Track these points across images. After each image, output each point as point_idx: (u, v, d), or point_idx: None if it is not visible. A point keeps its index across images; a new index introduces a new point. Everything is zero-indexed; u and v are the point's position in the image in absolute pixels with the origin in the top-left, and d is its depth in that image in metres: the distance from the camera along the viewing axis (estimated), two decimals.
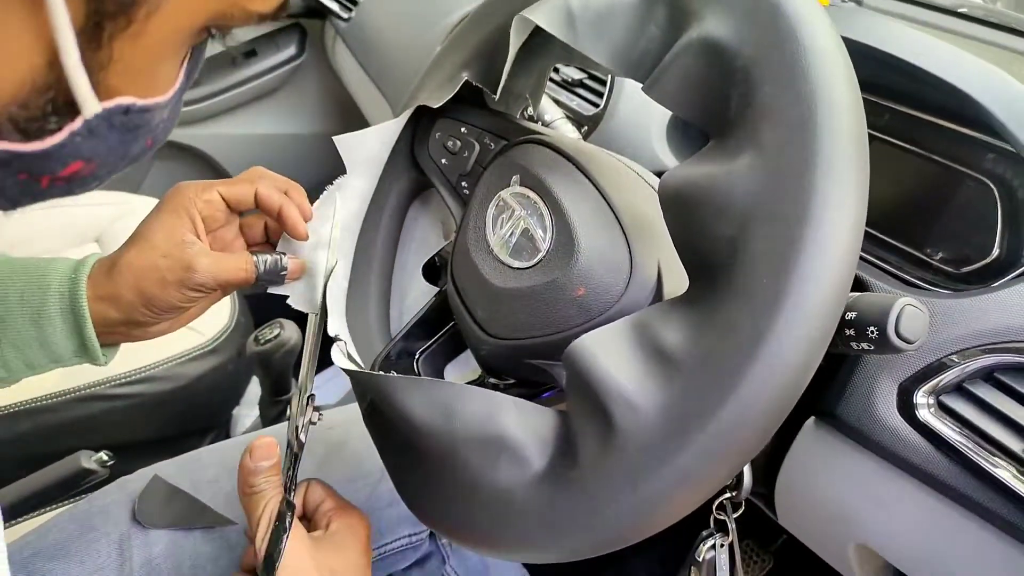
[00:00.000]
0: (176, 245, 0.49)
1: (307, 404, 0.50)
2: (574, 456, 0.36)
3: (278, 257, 0.52)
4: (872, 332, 0.37)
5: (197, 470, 0.62)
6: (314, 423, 0.50)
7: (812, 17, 0.34)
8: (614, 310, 0.41)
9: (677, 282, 0.42)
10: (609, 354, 0.36)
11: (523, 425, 0.39)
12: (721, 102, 0.36)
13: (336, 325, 0.51)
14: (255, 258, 0.51)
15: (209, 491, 0.60)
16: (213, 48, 1.45)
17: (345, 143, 0.55)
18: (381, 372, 0.49)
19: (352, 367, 0.48)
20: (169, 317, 0.51)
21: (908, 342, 0.37)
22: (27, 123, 0.28)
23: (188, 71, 0.35)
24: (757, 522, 0.71)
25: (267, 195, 0.52)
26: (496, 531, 0.39)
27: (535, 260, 0.43)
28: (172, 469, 0.62)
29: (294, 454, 0.49)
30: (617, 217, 0.43)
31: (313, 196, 0.56)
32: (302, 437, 0.49)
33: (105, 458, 0.73)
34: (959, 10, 0.92)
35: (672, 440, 0.33)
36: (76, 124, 0.29)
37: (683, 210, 0.37)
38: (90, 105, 0.29)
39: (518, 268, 0.44)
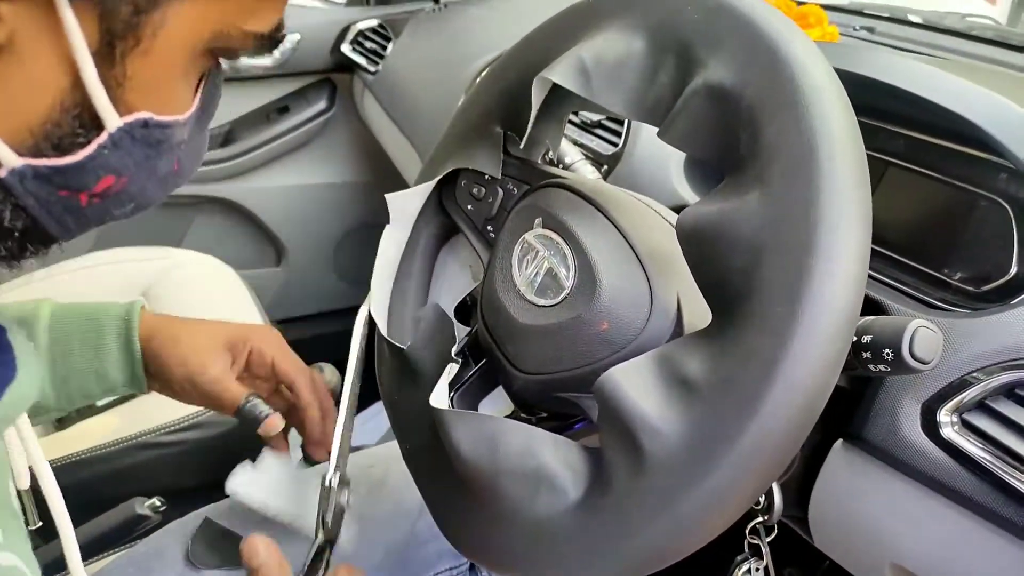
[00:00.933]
0: (209, 359, 0.62)
1: (337, 488, 0.49)
2: (608, 483, 0.38)
3: (266, 410, 0.61)
4: (888, 354, 0.39)
5: (245, 512, 0.64)
6: (344, 508, 0.50)
7: (807, 58, 0.37)
8: (637, 342, 0.43)
9: (697, 313, 0.43)
10: (635, 385, 0.38)
11: (560, 458, 0.41)
12: (731, 142, 0.38)
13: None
14: (248, 395, 0.61)
15: (257, 532, 0.63)
16: (248, 106, 1.52)
17: (393, 200, 0.58)
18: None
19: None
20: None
21: (923, 362, 0.38)
22: (60, 140, 0.32)
23: (204, 99, 0.38)
24: (799, 549, 0.71)
25: (305, 401, 0.64)
26: (534, 558, 0.41)
27: (560, 298, 0.46)
28: (222, 511, 0.64)
29: (320, 547, 0.48)
30: (636, 253, 0.45)
31: (344, 242, 0.60)
32: (329, 524, 0.48)
33: (158, 504, 0.76)
34: (971, 32, 0.94)
35: (699, 464, 0.35)
36: (102, 137, 0.33)
37: (700, 245, 0.39)
38: (111, 119, 0.32)
39: (544, 306, 0.46)
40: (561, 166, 0.68)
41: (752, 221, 0.36)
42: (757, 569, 0.51)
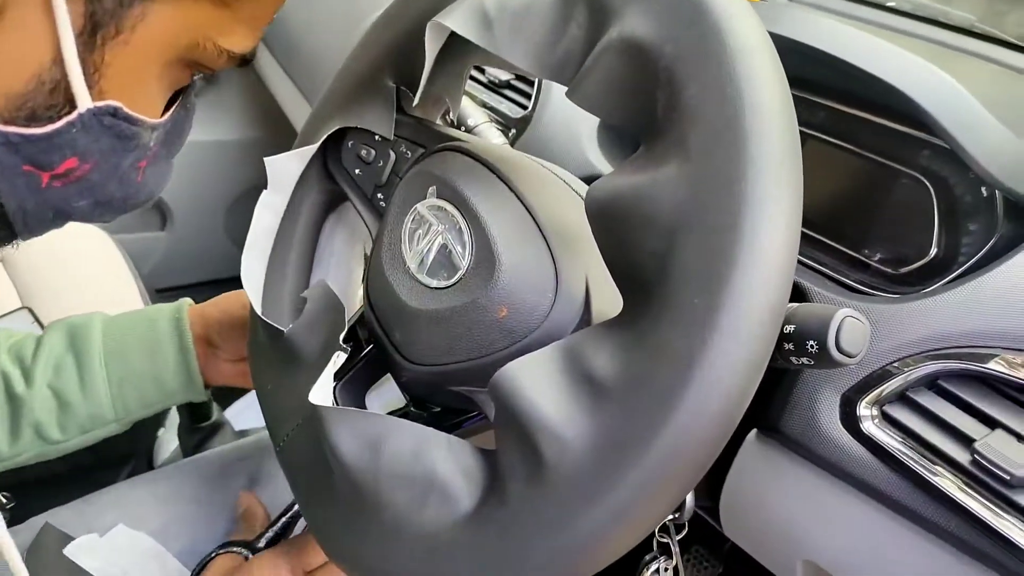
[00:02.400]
0: None
1: None
2: (503, 493, 0.33)
3: None
4: (812, 347, 0.35)
5: (96, 515, 0.57)
6: None
7: (736, 12, 0.32)
8: (540, 331, 0.38)
9: (607, 299, 0.39)
10: (535, 382, 0.33)
11: (453, 463, 0.36)
12: (647, 105, 0.34)
13: None
14: None
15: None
16: None
17: (271, 163, 0.52)
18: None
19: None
20: (236, 350, 0.61)
21: (849, 356, 0.35)
22: (33, 111, 0.33)
23: (176, 118, 0.40)
24: (706, 527, 0.69)
25: None
26: (419, 574, 0.36)
27: (454, 279, 0.40)
28: (67, 515, 0.57)
29: None
30: (541, 230, 0.40)
31: (236, 204, 0.54)
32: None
33: (3, 500, 0.67)
34: (887, 4, 0.92)
35: (604, 474, 0.30)
36: (72, 115, 0.34)
37: (610, 224, 0.34)
38: (84, 99, 0.33)
39: (436, 288, 0.41)
40: (464, 129, 0.62)
41: (668, 197, 0.31)
42: (666, 569, 0.48)
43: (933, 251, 0.51)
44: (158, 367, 0.59)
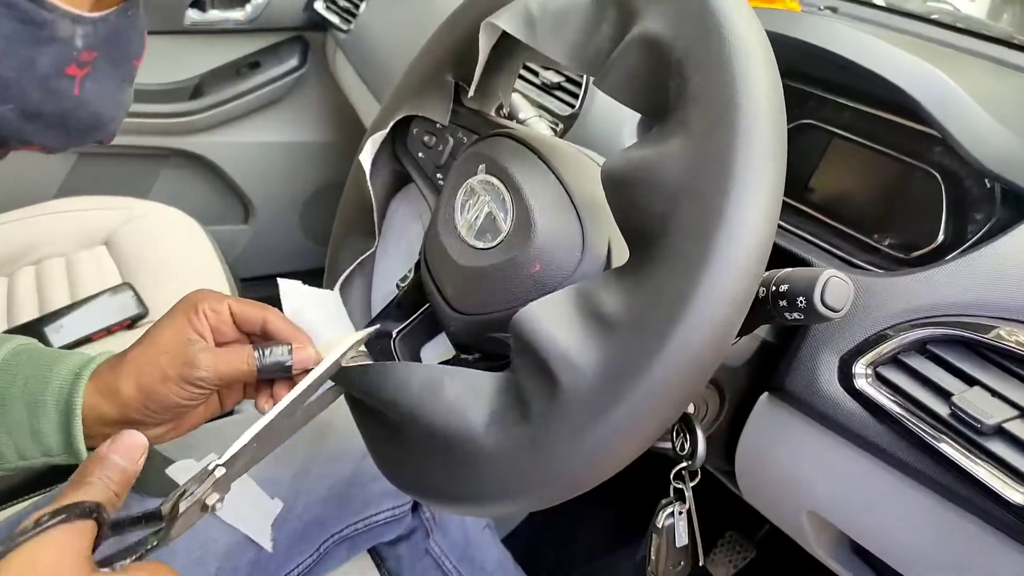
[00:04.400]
0: (180, 343, 0.49)
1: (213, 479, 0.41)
2: (524, 413, 0.40)
3: (284, 348, 0.49)
4: (801, 302, 0.41)
5: (192, 445, 0.65)
6: (210, 508, 0.42)
7: (736, 12, 0.38)
8: (567, 284, 0.45)
9: (625, 258, 0.45)
10: (552, 320, 0.40)
11: (466, 387, 0.42)
12: (661, 92, 0.40)
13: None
14: (256, 351, 0.49)
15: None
16: (218, 60, 1.50)
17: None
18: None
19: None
20: (167, 419, 0.50)
21: (833, 310, 0.40)
22: None
23: (118, 19, 0.36)
24: (740, 512, 0.74)
25: (278, 327, 0.52)
26: (455, 487, 0.42)
27: (497, 241, 0.47)
28: (168, 443, 0.65)
29: (163, 520, 0.40)
30: (572, 200, 0.47)
31: (312, 202, 0.59)
32: (181, 507, 0.40)
33: None
34: (931, 16, 0.96)
35: (609, 394, 0.37)
36: None
37: (622, 190, 0.40)
38: None
39: (482, 248, 0.48)
40: (516, 121, 0.69)
41: (672, 166, 0.37)
42: (680, 512, 0.54)
43: (940, 237, 0.56)
44: (38, 423, 0.48)
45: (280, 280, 0.53)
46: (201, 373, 0.47)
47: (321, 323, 0.52)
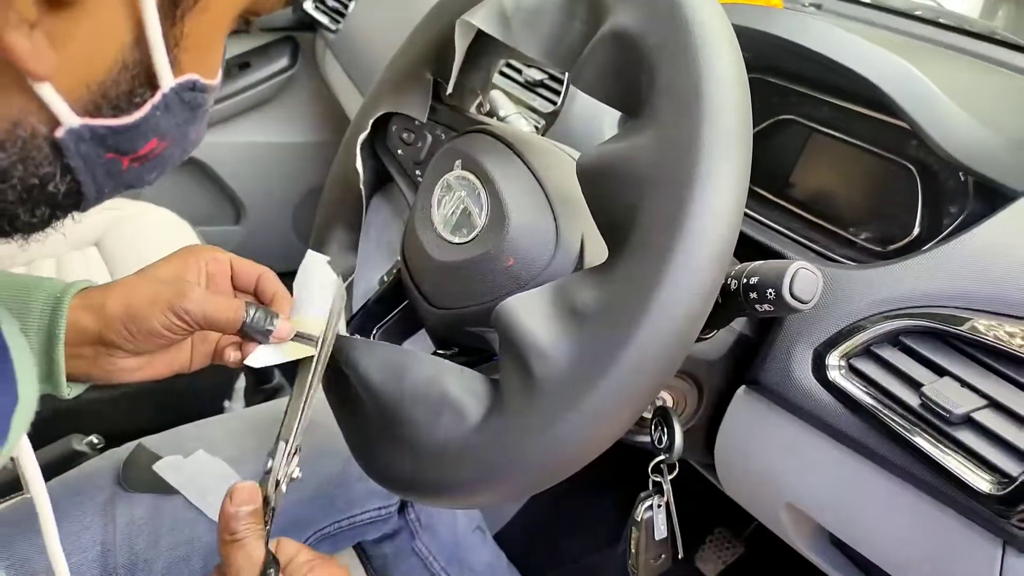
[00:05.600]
0: (176, 278, 0.51)
1: (293, 455, 0.47)
2: (502, 406, 0.40)
3: (272, 315, 0.49)
4: (770, 294, 0.41)
5: (180, 443, 0.66)
6: (294, 479, 0.48)
7: (703, 9, 0.39)
8: (541, 278, 0.45)
9: (599, 252, 0.45)
10: (529, 313, 0.40)
11: (463, 386, 0.43)
12: (633, 86, 0.40)
13: None
14: (246, 306, 0.49)
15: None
16: None
17: None
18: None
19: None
20: (140, 349, 0.49)
21: (802, 301, 0.41)
22: (118, 98, 0.31)
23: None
24: (728, 509, 0.74)
25: (267, 287, 0.54)
26: (434, 479, 0.43)
27: (472, 235, 0.47)
28: (156, 441, 0.66)
29: (272, 508, 0.46)
30: (546, 195, 0.47)
31: (303, 202, 0.59)
32: (283, 487, 0.47)
33: (96, 441, 0.77)
34: (914, 13, 0.96)
35: (580, 385, 0.37)
36: (156, 98, 0.32)
37: (595, 183, 0.41)
38: (167, 79, 0.32)
39: (457, 243, 0.48)
40: (496, 118, 0.69)
41: (642, 158, 0.38)
42: (659, 505, 0.54)
43: (916, 231, 0.56)
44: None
45: (310, 251, 0.55)
46: (189, 305, 0.48)
47: (314, 301, 0.52)
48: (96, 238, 1.17)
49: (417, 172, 0.57)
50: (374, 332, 0.55)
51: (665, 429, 0.52)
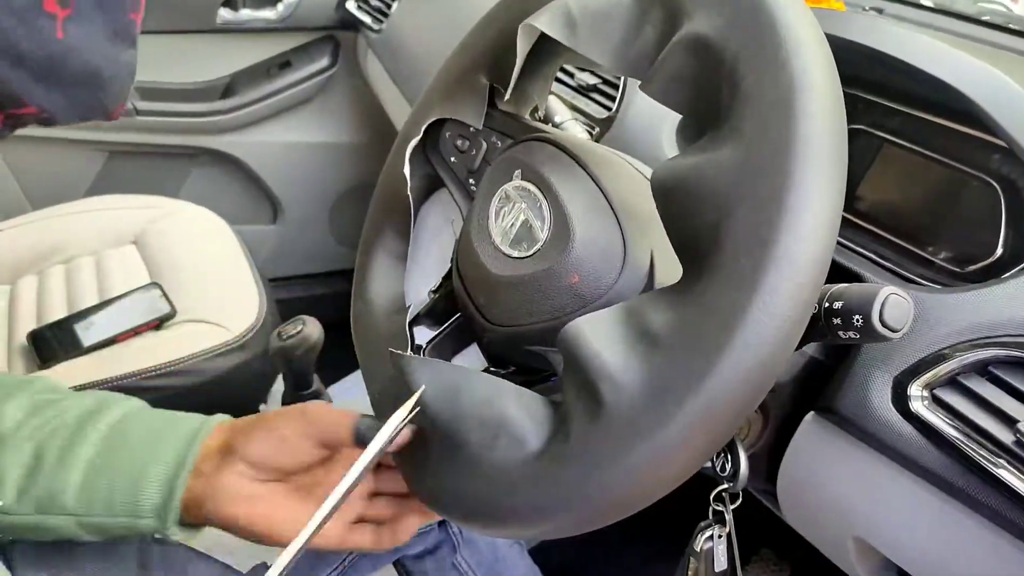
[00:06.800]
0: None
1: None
2: (566, 432, 0.38)
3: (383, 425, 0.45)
4: (858, 321, 0.38)
5: None
6: None
7: (792, 12, 0.36)
8: (607, 297, 0.43)
9: (669, 270, 0.43)
10: (598, 335, 0.38)
11: (522, 408, 0.41)
12: (711, 96, 0.38)
13: None
14: (361, 417, 0.48)
15: None
16: (249, 59, 1.50)
17: None
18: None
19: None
20: (266, 454, 0.47)
21: (892, 330, 0.38)
22: None
23: None
24: (775, 530, 0.71)
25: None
26: (488, 506, 0.41)
27: (533, 250, 0.45)
28: None
29: None
30: (613, 208, 0.44)
31: (340, 202, 0.57)
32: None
33: None
34: (982, 18, 0.92)
35: (653, 415, 0.34)
36: None
37: (673, 199, 0.38)
38: None
39: (517, 257, 0.46)
40: (551, 124, 0.67)
41: (724, 174, 0.35)
42: (720, 536, 0.51)
43: (999, 251, 0.53)
44: (139, 465, 0.47)
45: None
46: (311, 407, 0.48)
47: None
48: (134, 236, 1.17)
49: (471, 181, 0.55)
50: (424, 347, 0.53)
51: (729, 456, 0.49)
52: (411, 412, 0.44)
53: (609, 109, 0.73)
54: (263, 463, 0.48)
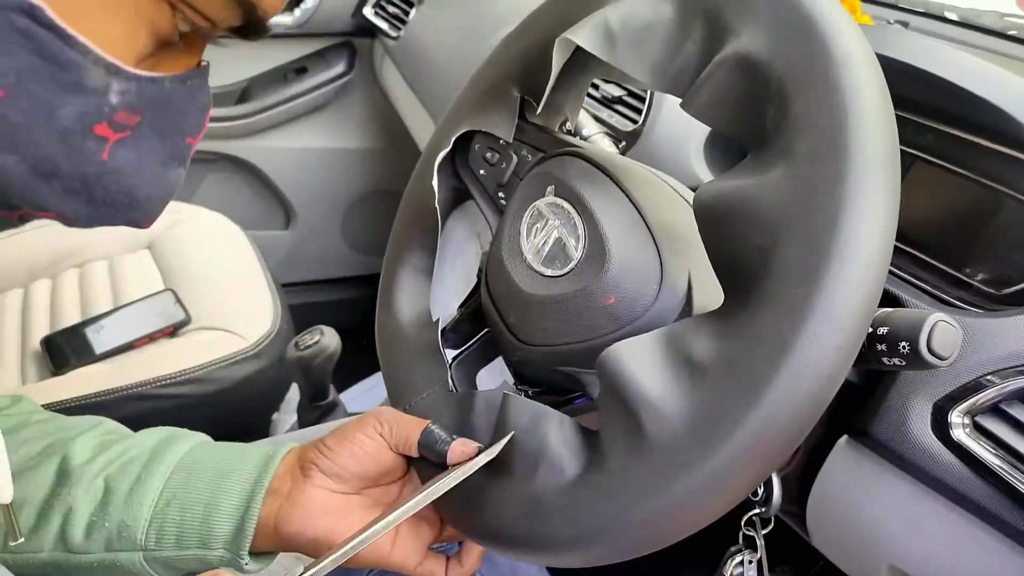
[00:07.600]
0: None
1: None
2: (604, 462, 0.37)
3: (448, 437, 0.45)
4: (904, 347, 0.37)
5: None
6: None
7: (844, 30, 0.35)
8: (644, 319, 0.42)
9: (708, 293, 0.42)
10: (639, 362, 0.37)
11: (562, 437, 0.40)
12: (757, 116, 0.37)
13: None
14: (432, 425, 0.47)
15: None
16: (265, 64, 1.50)
17: None
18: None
19: None
20: (340, 463, 0.47)
21: (940, 358, 0.37)
22: None
23: (174, 86, 0.32)
24: (793, 548, 0.70)
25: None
26: (523, 533, 0.40)
27: (567, 269, 0.44)
28: None
29: None
30: (649, 228, 0.43)
31: (353, 209, 0.57)
32: None
33: None
34: (1008, 32, 0.91)
35: (697, 447, 0.34)
36: None
37: (717, 221, 0.37)
38: None
39: (550, 276, 0.45)
40: (579, 138, 0.66)
41: (773, 198, 0.34)
42: (751, 561, 0.50)
43: None
44: (211, 496, 0.46)
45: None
46: (383, 412, 0.48)
47: None
48: (148, 241, 1.16)
49: (500, 195, 0.54)
50: (451, 363, 0.52)
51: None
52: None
53: (635, 122, 0.72)
54: (344, 472, 0.47)
